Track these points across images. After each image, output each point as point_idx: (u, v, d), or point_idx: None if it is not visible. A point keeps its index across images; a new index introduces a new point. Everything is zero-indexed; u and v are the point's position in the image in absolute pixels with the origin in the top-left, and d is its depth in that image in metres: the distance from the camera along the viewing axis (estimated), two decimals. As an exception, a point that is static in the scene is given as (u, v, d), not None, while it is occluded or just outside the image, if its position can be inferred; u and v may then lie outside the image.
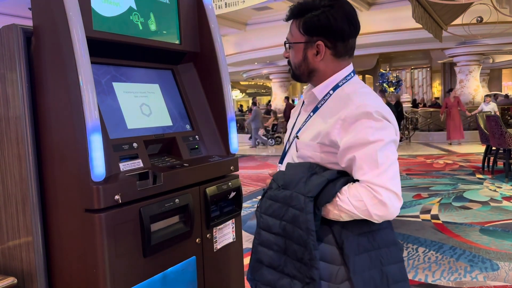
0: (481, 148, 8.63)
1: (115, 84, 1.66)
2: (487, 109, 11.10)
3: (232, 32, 15.23)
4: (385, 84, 19.46)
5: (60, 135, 1.42)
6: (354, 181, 1.24)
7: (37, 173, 1.46)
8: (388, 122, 1.25)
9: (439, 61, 20.30)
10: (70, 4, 1.34)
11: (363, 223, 1.27)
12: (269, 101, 20.82)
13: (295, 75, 1.42)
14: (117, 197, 1.40)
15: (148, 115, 1.74)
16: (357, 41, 1.39)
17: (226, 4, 8.66)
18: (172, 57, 1.91)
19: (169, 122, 1.82)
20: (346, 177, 1.26)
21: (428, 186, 6.53)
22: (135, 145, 1.58)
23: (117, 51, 1.66)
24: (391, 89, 19.25)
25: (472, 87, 15.76)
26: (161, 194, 1.57)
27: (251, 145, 13.99)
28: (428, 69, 22.67)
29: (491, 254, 3.67)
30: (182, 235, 1.64)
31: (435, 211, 5.12)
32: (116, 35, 1.58)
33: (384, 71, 20.19)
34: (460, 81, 16.03)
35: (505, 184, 6.47)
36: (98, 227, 1.37)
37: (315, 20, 1.31)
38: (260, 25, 14.46)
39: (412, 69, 22.85)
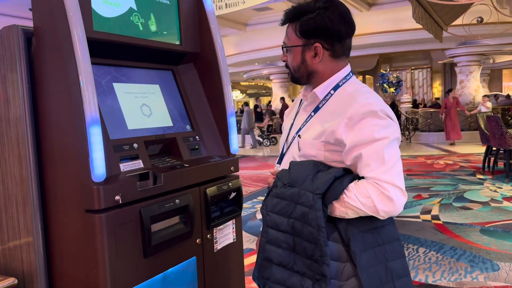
0: (482, 149, 8.63)
1: (116, 85, 1.66)
2: (485, 110, 11.16)
3: (233, 33, 15.24)
4: (386, 85, 19.48)
5: (61, 136, 1.42)
6: (360, 179, 1.26)
7: (38, 174, 1.46)
8: (392, 120, 1.28)
9: (440, 62, 20.31)
10: (71, 5, 1.34)
11: (368, 220, 1.28)
12: (270, 102, 20.82)
13: (294, 78, 1.44)
14: (118, 198, 1.40)
15: (149, 116, 1.75)
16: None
17: (227, 5, 8.66)
18: (173, 58, 1.91)
19: (170, 123, 1.82)
20: (352, 175, 1.28)
21: (429, 187, 6.53)
22: (136, 146, 1.59)
23: (118, 52, 1.67)
24: (392, 90, 19.27)
25: (473, 88, 15.77)
26: (162, 195, 1.57)
27: (251, 145, 13.99)
28: (429, 70, 22.68)
29: (492, 255, 3.67)
30: (183, 236, 1.64)
31: (436, 212, 5.12)
32: (117, 36, 1.58)
33: (385, 72, 20.22)
34: (461, 82, 16.03)
35: (506, 185, 6.46)
36: (99, 228, 1.37)
37: (312, 23, 1.33)
38: (261, 26, 14.48)
39: (413, 70, 22.86)
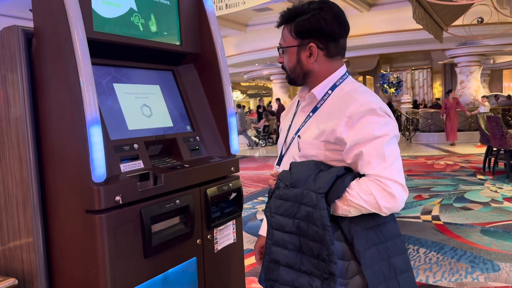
0: (482, 149, 8.63)
1: (116, 85, 1.67)
2: (484, 110, 11.18)
3: (233, 33, 15.24)
4: (386, 85, 19.48)
5: (61, 136, 1.42)
6: (361, 177, 1.27)
7: (38, 174, 1.46)
8: (390, 118, 1.30)
9: (440, 62, 20.31)
10: (71, 5, 1.35)
11: (370, 218, 1.29)
12: (270, 102, 20.82)
13: (291, 79, 1.46)
14: (118, 198, 1.40)
15: (149, 116, 1.75)
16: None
17: (227, 5, 8.66)
18: (173, 58, 1.91)
19: (170, 123, 1.82)
20: (353, 173, 1.29)
21: (429, 187, 6.52)
22: (136, 146, 1.59)
23: (118, 52, 1.67)
24: (392, 90, 19.27)
25: (473, 88, 15.75)
26: (162, 195, 1.57)
27: (248, 145, 14.02)
28: (429, 70, 22.70)
29: (492, 255, 3.67)
30: (183, 236, 1.64)
31: (436, 212, 5.12)
32: (117, 36, 1.58)
33: (385, 72, 20.23)
34: (461, 82, 16.02)
35: (506, 185, 6.46)
36: (99, 228, 1.37)
37: (306, 23, 1.35)
38: (261, 26, 14.47)
39: (413, 70, 22.88)
